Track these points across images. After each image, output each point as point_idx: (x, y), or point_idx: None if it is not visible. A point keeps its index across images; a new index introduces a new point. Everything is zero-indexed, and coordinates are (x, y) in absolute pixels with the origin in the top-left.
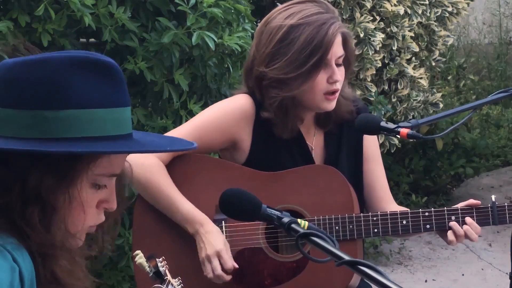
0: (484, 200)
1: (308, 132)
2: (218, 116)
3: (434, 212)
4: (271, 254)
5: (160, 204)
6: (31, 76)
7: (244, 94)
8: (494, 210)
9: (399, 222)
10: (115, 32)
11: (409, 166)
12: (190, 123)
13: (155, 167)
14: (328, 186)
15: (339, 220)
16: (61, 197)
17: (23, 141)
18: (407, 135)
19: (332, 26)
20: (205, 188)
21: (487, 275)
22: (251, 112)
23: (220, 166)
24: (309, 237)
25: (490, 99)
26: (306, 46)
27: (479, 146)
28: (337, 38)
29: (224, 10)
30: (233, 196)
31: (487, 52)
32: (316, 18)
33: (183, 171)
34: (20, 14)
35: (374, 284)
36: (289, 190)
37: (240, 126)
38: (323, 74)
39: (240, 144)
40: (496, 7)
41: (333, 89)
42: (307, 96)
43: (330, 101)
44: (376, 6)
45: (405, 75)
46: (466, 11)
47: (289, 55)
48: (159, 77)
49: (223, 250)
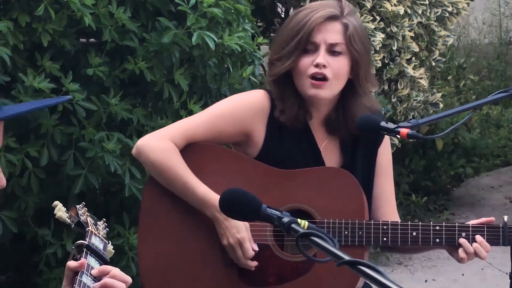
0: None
1: (319, 133)
2: (234, 108)
3: (445, 226)
4: (277, 253)
5: (176, 188)
6: None
7: (261, 90)
8: (505, 231)
9: (409, 233)
10: (115, 32)
11: (409, 166)
12: (206, 112)
13: (171, 151)
14: (341, 190)
15: (349, 225)
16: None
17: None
18: (407, 135)
19: (322, 11)
20: (217, 178)
21: (487, 275)
22: (267, 108)
23: (234, 157)
24: (309, 237)
25: (490, 99)
26: (292, 28)
27: (479, 146)
28: (328, 24)
29: (224, 10)
30: (233, 196)
31: (487, 52)
32: (316, 7)
33: (197, 159)
34: (20, 14)
35: (374, 284)
36: (301, 189)
37: (255, 120)
38: (309, 57)
39: (253, 138)
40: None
41: (316, 72)
42: (297, 80)
43: (316, 87)
44: (376, 6)
45: (405, 75)
46: (466, 11)
47: (280, 38)
48: (159, 77)
49: (244, 238)
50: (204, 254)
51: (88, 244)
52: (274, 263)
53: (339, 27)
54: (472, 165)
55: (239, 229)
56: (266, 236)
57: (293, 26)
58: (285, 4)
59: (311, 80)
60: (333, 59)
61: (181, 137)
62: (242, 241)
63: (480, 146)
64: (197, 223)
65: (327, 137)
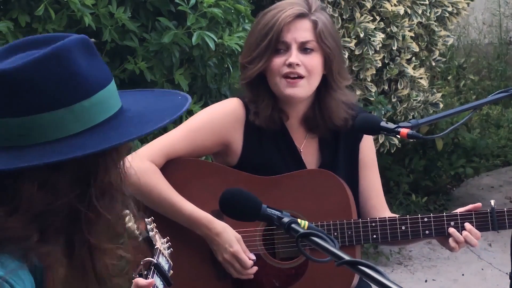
0: (484, 200)
1: (297, 133)
2: (210, 120)
3: (433, 217)
4: (269, 261)
5: (161, 208)
6: (52, 76)
7: (235, 98)
8: (493, 215)
9: (398, 228)
10: (115, 32)
11: (409, 166)
12: (183, 127)
13: (151, 172)
14: (324, 189)
15: (337, 226)
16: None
17: (79, 137)
18: (407, 135)
19: (290, 10)
20: (200, 193)
21: (487, 275)
22: (242, 115)
23: (215, 171)
24: (309, 237)
25: (490, 99)
26: (261, 29)
27: (479, 146)
28: (297, 22)
29: (224, 10)
30: (233, 196)
31: (487, 52)
32: (282, 7)
33: (177, 176)
34: (20, 14)
35: (374, 284)
36: (285, 195)
37: (232, 129)
38: (281, 57)
39: (232, 147)
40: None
41: (290, 71)
42: (271, 80)
43: (291, 86)
44: (376, 6)
45: (405, 75)
46: (466, 11)
47: (249, 41)
48: (159, 77)
49: (238, 250)
50: (197, 269)
51: (157, 263)
52: (267, 272)
53: (308, 24)
54: (472, 165)
55: (231, 243)
56: (256, 246)
57: (261, 27)
58: None
59: (286, 79)
60: (305, 56)
61: (160, 155)
62: (236, 254)
63: (480, 146)
64: (189, 238)
65: (307, 136)
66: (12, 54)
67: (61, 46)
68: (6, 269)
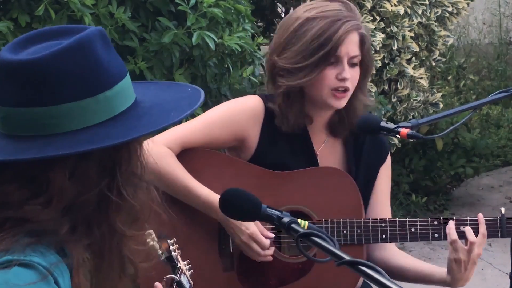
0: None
1: (318, 136)
2: (228, 114)
3: (443, 221)
4: (276, 255)
5: (177, 192)
6: (78, 66)
7: (255, 95)
8: (503, 223)
9: (407, 230)
10: (115, 32)
11: (409, 166)
12: (201, 118)
13: (169, 156)
14: (336, 188)
15: (347, 224)
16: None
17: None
18: (407, 135)
19: (347, 23)
20: (213, 182)
21: (487, 275)
22: (261, 113)
23: (228, 162)
24: (309, 237)
25: (490, 99)
26: (316, 38)
27: (479, 146)
28: (351, 36)
29: (224, 10)
30: (233, 196)
31: (487, 52)
32: (334, 14)
33: (191, 164)
34: (20, 14)
35: (374, 284)
36: (297, 190)
37: (250, 126)
38: (332, 70)
39: (247, 143)
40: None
41: (341, 86)
42: (315, 90)
43: (338, 99)
44: (376, 6)
45: (405, 75)
46: (466, 11)
47: (299, 45)
48: (159, 77)
49: (255, 231)
50: (202, 261)
51: (179, 281)
52: (274, 265)
53: (357, 38)
54: (472, 165)
55: (247, 225)
56: None
57: (316, 34)
58: (285, 4)
59: (334, 92)
60: (352, 70)
61: (176, 143)
62: (253, 235)
63: (480, 146)
64: (194, 230)
65: (326, 141)
66: (30, 44)
67: (85, 37)
68: (47, 260)
